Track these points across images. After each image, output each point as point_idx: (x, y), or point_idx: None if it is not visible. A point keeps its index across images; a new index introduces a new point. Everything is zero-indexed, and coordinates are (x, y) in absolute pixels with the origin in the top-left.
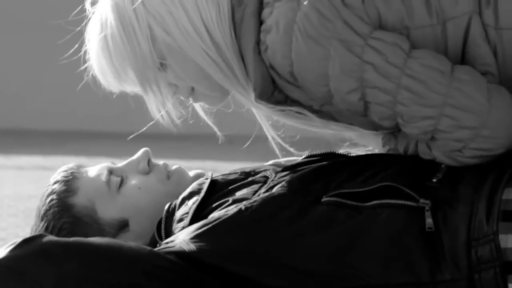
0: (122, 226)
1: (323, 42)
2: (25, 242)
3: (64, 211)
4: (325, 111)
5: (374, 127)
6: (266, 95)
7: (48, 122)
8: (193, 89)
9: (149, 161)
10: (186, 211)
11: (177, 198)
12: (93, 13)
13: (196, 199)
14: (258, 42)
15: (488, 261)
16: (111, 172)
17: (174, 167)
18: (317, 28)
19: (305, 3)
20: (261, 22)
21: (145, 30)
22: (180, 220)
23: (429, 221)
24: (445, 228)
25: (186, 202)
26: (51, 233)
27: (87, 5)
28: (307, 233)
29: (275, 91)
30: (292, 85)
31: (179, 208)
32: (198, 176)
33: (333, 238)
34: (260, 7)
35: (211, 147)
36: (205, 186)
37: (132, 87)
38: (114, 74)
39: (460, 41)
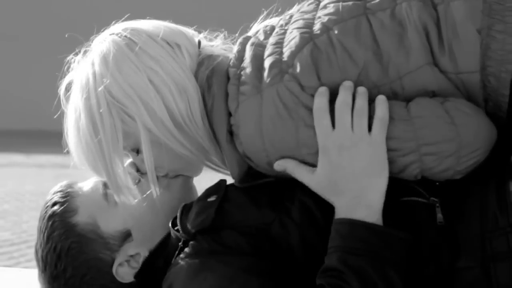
0: (126, 236)
1: (292, 129)
2: None
3: (69, 232)
4: None
5: None
6: (247, 180)
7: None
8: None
9: (137, 170)
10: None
11: (174, 202)
12: (69, 98)
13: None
14: (229, 131)
15: (504, 252)
16: (105, 185)
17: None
18: (283, 119)
19: (267, 95)
20: (229, 112)
21: (116, 127)
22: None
23: (439, 216)
24: (458, 221)
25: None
26: (60, 253)
27: (63, 88)
28: None
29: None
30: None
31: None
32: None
33: None
34: (226, 95)
35: None
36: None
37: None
38: (91, 169)
39: (421, 93)
